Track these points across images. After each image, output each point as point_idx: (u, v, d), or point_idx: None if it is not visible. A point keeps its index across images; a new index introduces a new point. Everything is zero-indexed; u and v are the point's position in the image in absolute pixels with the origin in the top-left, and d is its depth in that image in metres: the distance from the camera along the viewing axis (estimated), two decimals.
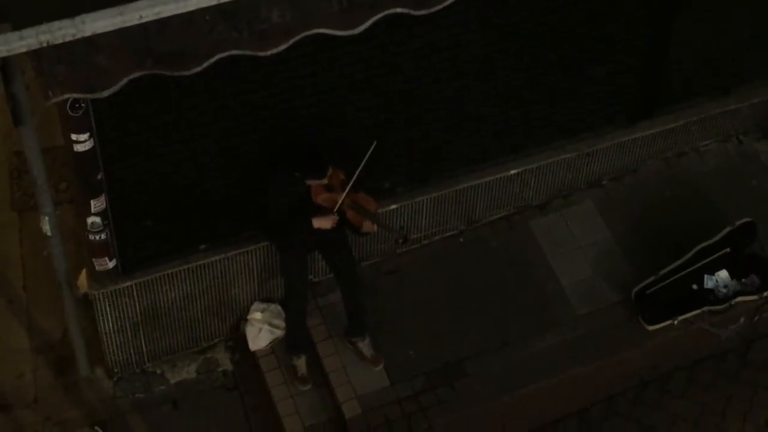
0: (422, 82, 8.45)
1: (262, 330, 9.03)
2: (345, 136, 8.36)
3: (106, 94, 6.87)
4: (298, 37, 7.07)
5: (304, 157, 8.14)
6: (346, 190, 8.13)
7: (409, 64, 8.29)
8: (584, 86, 9.14)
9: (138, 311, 8.68)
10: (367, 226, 8.24)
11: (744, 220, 9.38)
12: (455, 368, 8.92)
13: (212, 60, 6.94)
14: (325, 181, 8.16)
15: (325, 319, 9.09)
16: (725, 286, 9.21)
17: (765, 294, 9.28)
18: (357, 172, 8.07)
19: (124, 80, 6.85)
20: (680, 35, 9.18)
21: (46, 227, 7.91)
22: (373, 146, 8.08)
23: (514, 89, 8.87)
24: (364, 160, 8.07)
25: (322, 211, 8.20)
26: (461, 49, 8.39)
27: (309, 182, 8.17)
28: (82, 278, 8.72)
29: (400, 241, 8.54)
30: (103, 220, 8.02)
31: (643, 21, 8.94)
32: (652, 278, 9.18)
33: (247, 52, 7.02)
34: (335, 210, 8.16)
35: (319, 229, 8.21)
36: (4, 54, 6.38)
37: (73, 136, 7.48)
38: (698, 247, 9.25)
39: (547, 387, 8.94)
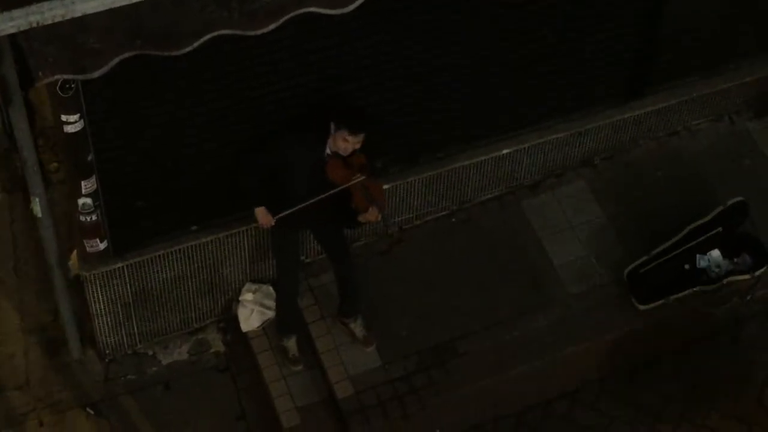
0: (413, 63, 8.42)
1: (253, 311, 9.02)
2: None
3: (96, 75, 6.83)
4: (288, 16, 7.04)
5: (347, 108, 8.05)
6: (364, 175, 7.95)
7: (400, 45, 8.26)
8: (576, 66, 9.13)
9: (129, 293, 8.67)
10: (371, 215, 8.10)
11: (736, 199, 9.37)
12: (447, 348, 8.93)
13: (202, 40, 6.90)
14: (350, 145, 7.90)
15: (317, 300, 9.09)
16: (717, 266, 9.21)
17: (757, 273, 9.27)
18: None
19: (115, 61, 6.81)
20: (671, 14, 9.16)
21: (37, 208, 7.89)
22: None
23: (505, 69, 8.85)
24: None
25: (323, 187, 8.08)
26: (452, 29, 8.36)
27: (334, 142, 7.94)
28: (74, 259, 8.71)
29: (389, 232, 8.59)
30: (94, 201, 8.00)
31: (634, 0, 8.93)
32: (644, 258, 9.19)
33: (238, 32, 6.99)
34: (342, 187, 8.04)
35: (307, 209, 8.14)
36: None
37: (64, 117, 7.45)
38: (690, 227, 9.25)
39: (539, 367, 8.94)
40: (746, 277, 9.27)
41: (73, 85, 7.21)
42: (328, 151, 8.00)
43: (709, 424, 8.96)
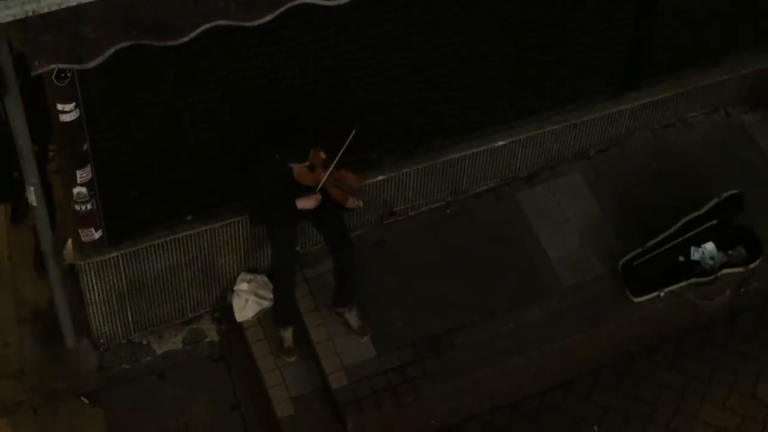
0: (408, 54, 8.41)
1: (248, 301, 9.02)
2: (331, 110, 8.34)
3: (92, 64, 6.83)
4: (284, 8, 7.04)
5: (285, 140, 8.15)
6: (329, 171, 8.12)
7: (395, 36, 8.26)
8: (572, 57, 9.13)
9: (124, 282, 8.67)
10: (352, 202, 8.26)
11: (731, 192, 9.39)
12: (442, 339, 8.93)
13: (199, 30, 6.90)
14: (306, 163, 8.14)
15: (311, 291, 9.08)
16: (712, 258, 9.22)
17: (751, 266, 9.29)
18: (339, 155, 8.07)
19: (111, 50, 6.81)
20: (668, 5, 9.16)
21: (32, 198, 7.88)
22: (353, 133, 8.07)
23: (501, 60, 8.85)
24: (347, 143, 8.06)
25: (306, 191, 8.19)
26: (448, 20, 8.36)
27: (291, 164, 8.16)
28: (69, 249, 8.70)
29: (385, 217, 8.64)
30: (89, 190, 7.99)
31: None
32: (639, 250, 9.19)
33: (234, 23, 6.98)
34: (318, 189, 8.16)
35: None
36: None
37: (59, 106, 7.44)
38: (685, 219, 9.26)
39: (534, 358, 8.95)
40: (740, 269, 9.29)
41: (68, 75, 7.20)
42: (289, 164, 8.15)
43: (703, 416, 8.96)
